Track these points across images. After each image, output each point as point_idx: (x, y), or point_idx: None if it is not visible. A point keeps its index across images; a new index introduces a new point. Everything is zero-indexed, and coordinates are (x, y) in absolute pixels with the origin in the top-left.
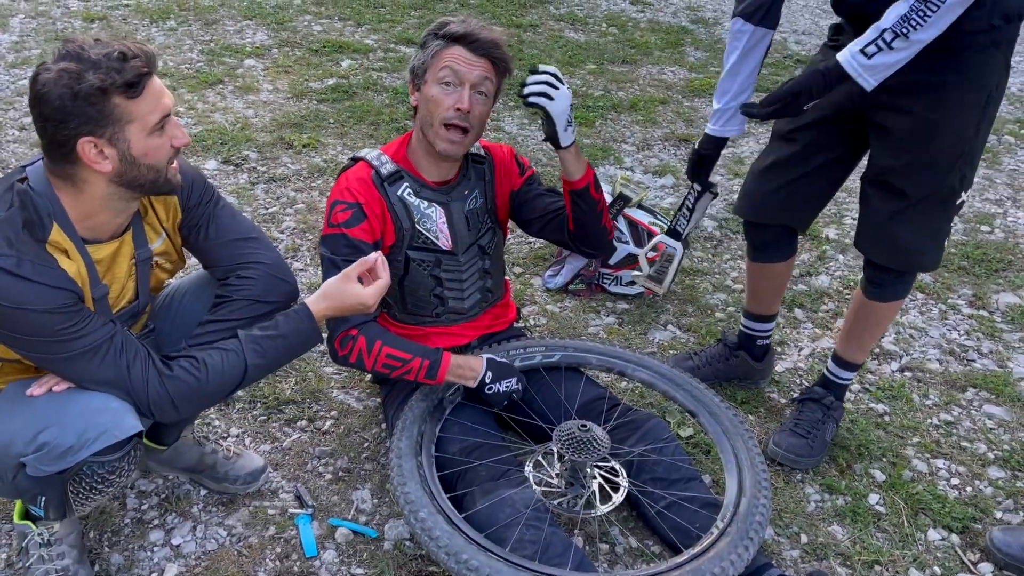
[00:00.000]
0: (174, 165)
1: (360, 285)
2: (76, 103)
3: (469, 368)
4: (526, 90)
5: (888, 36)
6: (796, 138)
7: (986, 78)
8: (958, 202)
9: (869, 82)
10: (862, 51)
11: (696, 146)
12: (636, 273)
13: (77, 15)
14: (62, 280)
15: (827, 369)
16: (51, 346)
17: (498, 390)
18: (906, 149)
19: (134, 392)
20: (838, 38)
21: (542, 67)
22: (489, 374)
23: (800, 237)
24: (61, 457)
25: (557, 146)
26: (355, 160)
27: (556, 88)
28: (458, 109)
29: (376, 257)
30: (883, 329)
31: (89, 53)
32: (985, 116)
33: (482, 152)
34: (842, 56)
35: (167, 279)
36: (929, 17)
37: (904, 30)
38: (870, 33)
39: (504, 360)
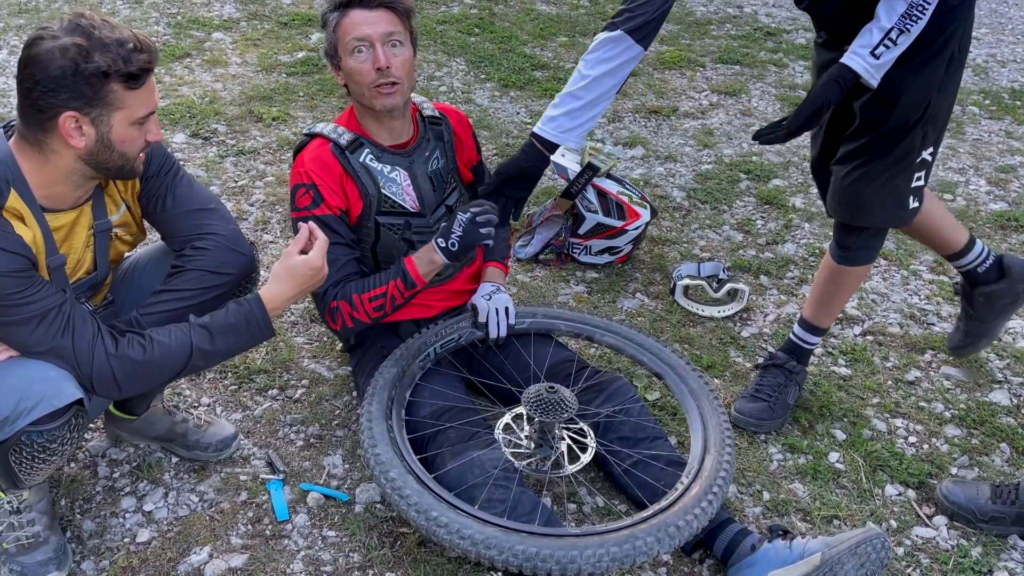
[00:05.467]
0: (142, 155)
1: (302, 255)
2: (75, 79)
3: (429, 260)
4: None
5: (894, 35)
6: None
7: (947, 40)
8: (918, 160)
9: (876, 79)
10: (872, 53)
11: (517, 160)
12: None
13: None
14: (16, 244)
15: (793, 334)
16: None
17: (456, 239)
18: (873, 105)
19: (78, 364)
20: (822, 32)
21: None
22: (440, 240)
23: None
24: None
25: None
26: (310, 136)
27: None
28: (379, 69)
29: (308, 227)
30: (850, 294)
31: (101, 33)
32: (948, 79)
33: (437, 114)
34: (853, 62)
35: (127, 251)
36: (927, 9)
37: (907, 26)
38: (876, 35)
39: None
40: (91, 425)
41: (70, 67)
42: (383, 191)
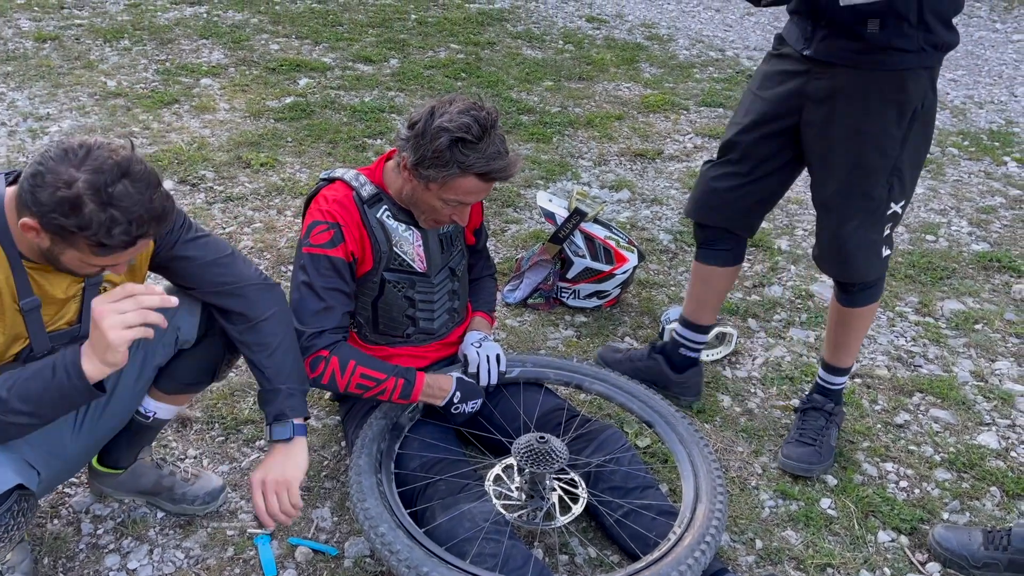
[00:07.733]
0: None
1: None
2: (50, 215)
3: (439, 388)
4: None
5: None
6: (740, 146)
7: (910, 94)
8: (889, 212)
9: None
10: None
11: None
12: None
13: (29, 35)
14: None
15: (819, 378)
16: None
17: (463, 410)
18: (837, 156)
19: None
20: (780, 48)
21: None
22: (458, 394)
23: (753, 249)
24: None
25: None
26: (330, 180)
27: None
28: (454, 221)
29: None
30: (864, 332)
31: (114, 191)
32: (911, 131)
33: None
34: None
35: None
36: None
37: None
38: None
39: (471, 380)
40: (74, 479)
41: (51, 205)
42: (395, 249)
